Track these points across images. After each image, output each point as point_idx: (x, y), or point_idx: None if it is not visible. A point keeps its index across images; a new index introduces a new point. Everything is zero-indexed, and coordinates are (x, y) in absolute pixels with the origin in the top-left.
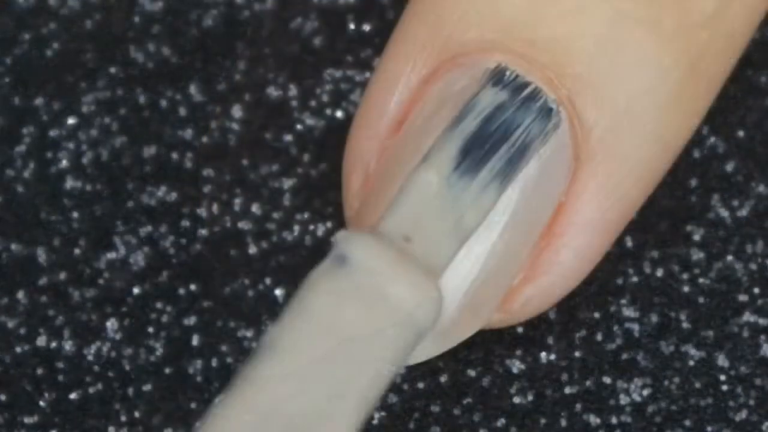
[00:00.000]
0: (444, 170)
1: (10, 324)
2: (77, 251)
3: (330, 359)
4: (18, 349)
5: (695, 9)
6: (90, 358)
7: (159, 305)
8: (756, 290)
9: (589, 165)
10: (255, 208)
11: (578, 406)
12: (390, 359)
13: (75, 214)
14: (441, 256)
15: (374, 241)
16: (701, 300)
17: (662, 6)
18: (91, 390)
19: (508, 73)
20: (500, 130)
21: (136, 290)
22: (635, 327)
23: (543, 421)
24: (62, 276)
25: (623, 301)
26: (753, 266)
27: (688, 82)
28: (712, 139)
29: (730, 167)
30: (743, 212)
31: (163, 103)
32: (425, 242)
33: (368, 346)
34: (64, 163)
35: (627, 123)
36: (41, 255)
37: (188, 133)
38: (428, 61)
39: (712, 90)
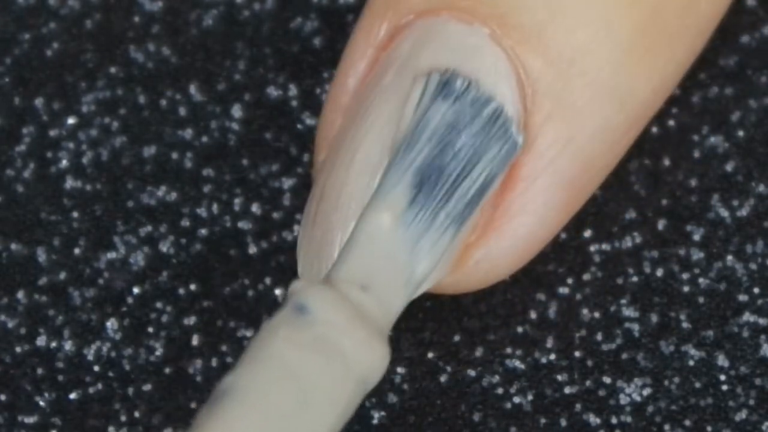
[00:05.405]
0: (397, 209)
1: (10, 324)
2: (77, 251)
3: (288, 405)
4: (18, 349)
5: None
6: (90, 358)
7: (159, 305)
8: (756, 290)
9: (537, 117)
10: (255, 208)
11: (578, 406)
12: (341, 410)
13: (75, 214)
14: (394, 308)
15: (332, 294)
16: (701, 300)
17: None
18: (91, 390)
19: (459, 81)
20: (458, 161)
21: (136, 290)
22: (635, 327)
23: (543, 421)
24: (62, 276)
25: (623, 301)
26: (753, 266)
27: (641, 37)
28: (712, 139)
29: (730, 167)
30: (743, 212)
31: (163, 103)
32: (381, 294)
33: (324, 395)
34: (64, 163)
35: (575, 75)
36: (41, 255)
37: (188, 133)
38: (384, 30)
39: (678, 49)
